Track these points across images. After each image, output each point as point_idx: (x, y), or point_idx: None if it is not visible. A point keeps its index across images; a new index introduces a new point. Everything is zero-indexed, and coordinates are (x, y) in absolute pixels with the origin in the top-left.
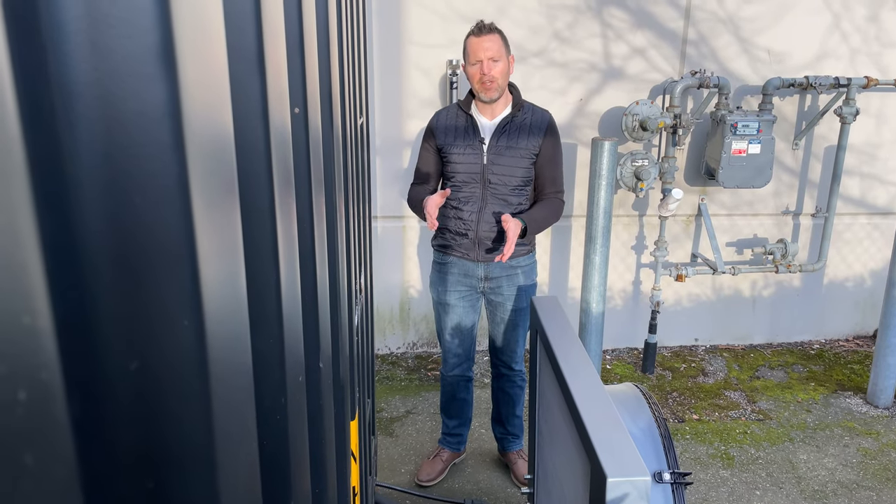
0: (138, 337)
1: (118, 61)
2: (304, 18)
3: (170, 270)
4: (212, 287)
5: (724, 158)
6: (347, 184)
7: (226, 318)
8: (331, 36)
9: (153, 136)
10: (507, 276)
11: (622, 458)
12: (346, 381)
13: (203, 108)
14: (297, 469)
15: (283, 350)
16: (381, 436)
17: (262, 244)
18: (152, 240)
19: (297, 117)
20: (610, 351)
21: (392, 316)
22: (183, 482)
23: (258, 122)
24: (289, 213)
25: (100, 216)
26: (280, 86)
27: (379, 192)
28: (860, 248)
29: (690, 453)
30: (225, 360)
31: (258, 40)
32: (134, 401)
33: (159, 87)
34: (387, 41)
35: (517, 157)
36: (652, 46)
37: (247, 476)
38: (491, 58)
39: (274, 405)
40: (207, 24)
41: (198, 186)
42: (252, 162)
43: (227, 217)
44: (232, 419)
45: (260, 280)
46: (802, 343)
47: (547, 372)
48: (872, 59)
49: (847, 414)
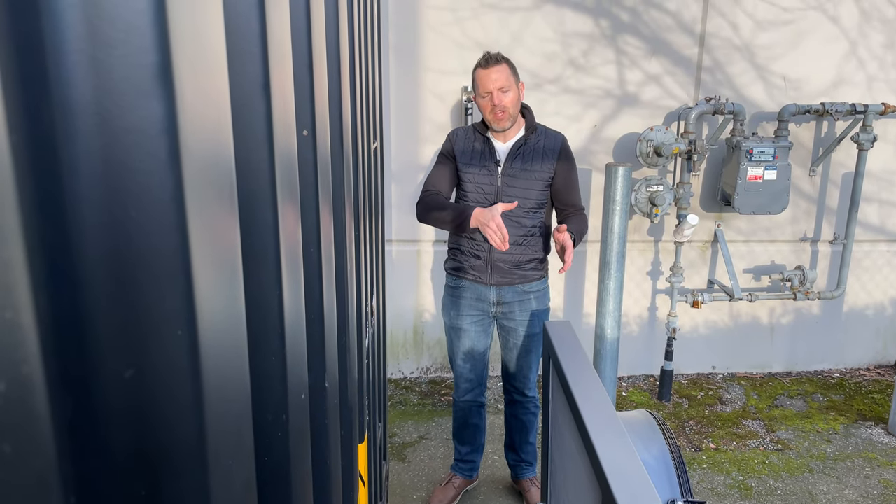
0: (132, 344)
1: (116, 80)
2: (313, 42)
3: (164, 282)
4: (207, 299)
5: (739, 184)
6: (359, 206)
7: (222, 332)
8: (342, 59)
9: (149, 151)
10: (520, 302)
11: (634, 487)
12: (354, 402)
13: (201, 127)
14: (300, 488)
15: (285, 368)
16: (393, 461)
17: (263, 261)
18: (146, 252)
19: (306, 139)
20: (626, 378)
21: (406, 340)
22: (176, 489)
23: (262, 142)
24: (293, 232)
25: (96, 228)
26: (286, 108)
27: (394, 217)
28: (880, 275)
29: (707, 483)
30: (220, 373)
31: (263, 63)
32: (126, 405)
33: (156, 104)
34: (403, 67)
35: (531, 179)
36: (667, 73)
37: (243, 490)
38: (500, 88)
39: (275, 421)
40: (207, 47)
41: (194, 202)
42: (254, 180)
43: (224, 233)
44: (227, 431)
45: (260, 296)
46: (822, 372)
47: (559, 397)
48: (890, 86)
49: (868, 444)
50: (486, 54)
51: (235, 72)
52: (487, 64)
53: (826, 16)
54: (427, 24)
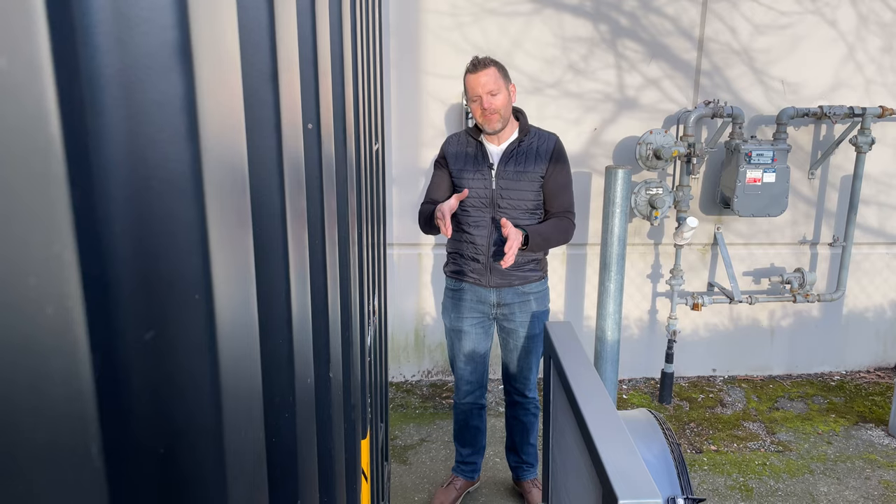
0: (153, 308)
1: (140, 55)
2: (317, 38)
3: (182, 250)
4: (222, 270)
5: (738, 187)
6: (361, 204)
7: (235, 305)
8: (345, 57)
9: (170, 124)
10: (520, 303)
11: (633, 481)
12: (357, 397)
13: (217, 106)
14: (306, 472)
15: (292, 351)
16: (394, 463)
17: (272, 248)
18: (166, 222)
19: (311, 133)
20: (627, 381)
21: (407, 343)
22: (192, 451)
23: (271, 131)
24: (300, 217)
25: (120, 197)
26: (293, 100)
27: (395, 221)
28: (879, 278)
29: (708, 485)
30: (233, 345)
31: (272, 54)
32: (146, 367)
33: (176, 79)
34: (403, 72)
35: (526, 180)
36: (666, 77)
37: (254, 464)
38: (489, 92)
39: (283, 402)
40: (222, 31)
41: (211, 177)
42: (263, 167)
43: (236, 208)
44: (239, 400)
45: (269, 283)
46: (822, 374)
47: (560, 396)
48: (888, 89)
49: (868, 446)
50: (475, 59)
51: (246, 61)
52: (475, 68)
53: (824, 20)
54: (427, 28)
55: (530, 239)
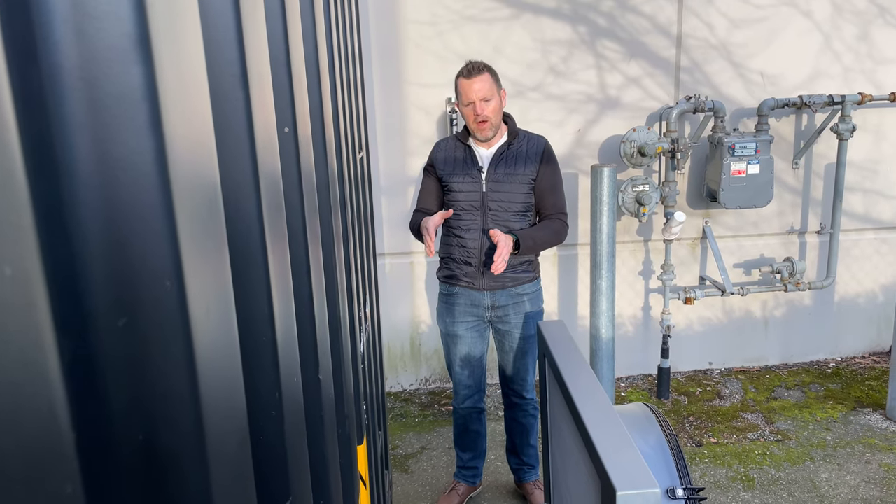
0: (124, 295)
1: (100, 48)
2: (289, 40)
3: (150, 238)
4: (192, 258)
5: (724, 180)
6: (346, 211)
7: (209, 295)
8: (320, 61)
9: (131, 116)
10: (514, 304)
11: (631, 472)
12: (350, 402)
13: (180, 98)
14: (297, 472)
15: (276, 348)
16: (396, 472)
17: (247, 242)
18: (133, 212)
19: (288, 136)
20: (624, 378)
21: (403, 353)
22: (172, 435)
23: (242, 130)
24: (277, 209)
25: (87, 185)
26: (265, 101)
27: (385, 230)
28: (869, 263)
29: (710, 476)
30: (208, 333)
31: (240, 53)
32: (120, 353)
33: (136, 70)
34: (387, 82)
35: (516, 183)
36: (647, 75)
37: (237, 446)
38: (482, 98)
39: (268, 399)
40: (182, 27)
41: (176, 167)
42: (236, 162)
43: (206, 204)
44: (217, 387)
45: (248, 277)
46: (818, 362)
47: (556, 394)
48: (866, 76)
49: (867, 430)
50: (469, 63)
51: (212, 59)
52: (470, 74)
53: (798, 11)
54: (409, 38)
55: (521, 243)
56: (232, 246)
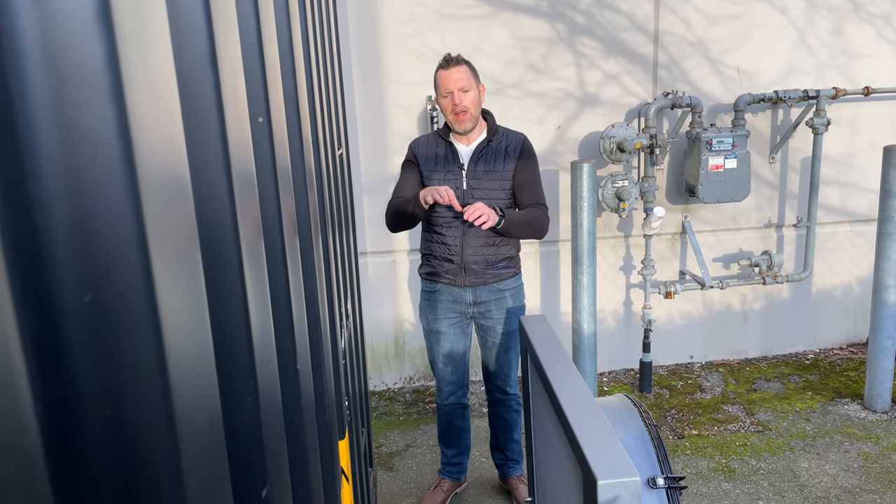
0: (89, 270)
1: (59, 18)
2: (262, 26)
3: (113, 210)
4: (158, 231)
5: (702, 175)
6: (325, 207)
7: (177, 271)
8: (295, 51)
9: (93, 87)
10: (496, 300)
11: (611, 461)
12: (331, 396)
13: (143, 68)
14: (274, 461)
15: (250, 336)
16: (381, 471)
17: (216, 222)
18: (95, 185)
19: (261, 126)
20: (607, 373)
21: (387, 351)
22: (139, 408)
23: (212, 114)
24: (249, 188)
25: (49, 158)
26: (237, 88)
27: (367, 229)
28: (845, 256)
29: (692, 468)
30: (176, 310)
31: (209, 37)
32: (86, 330)
33: (97, 41)
34: (367, 81)
35: (496, 179)
36: (625, 72)
37: (207, 423)
38: (461, 88)
39: (244, 385)
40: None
41: (141, 137)
42: (206, 143)
43: (173, 168)
44: (186, 364)
45: (218, 255)
46: (797, 354)
47: (539, 388)
48: (840, 71)
49: (846, 420)
50: (447, 56)
51: (179, 41)
52: (448, 65)
53: (773, 7)
54: (388, 36)
55: (506, 217)
56: (200, 219)
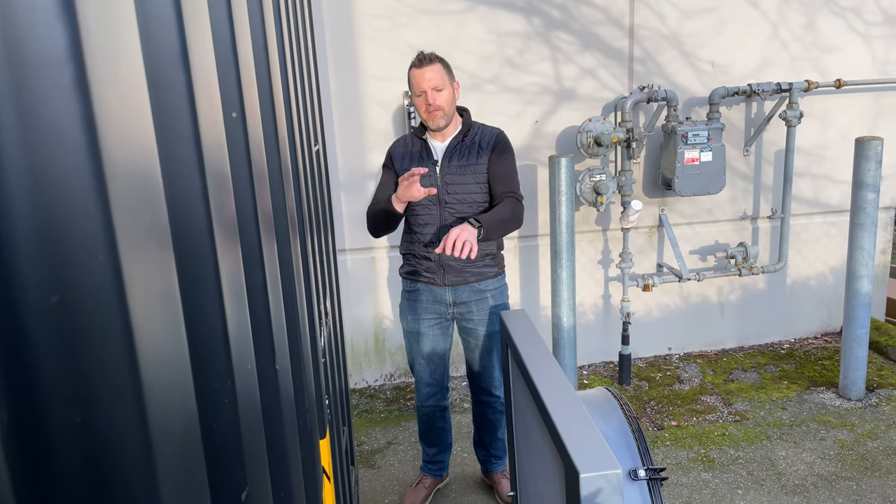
0: (54, 270)
1: (20, 6)
2: (234, 21)
3: (80, 207)
4: (126, 228)
5: (678, 168)
6: (302, 205)
7: (151, 271)
8: (269, 45)
9: (56, 77)
10: (477, 301)
11: (593, 455)
12: (311, 394)
13: (109, 58)
14: (254, 464)
15: (227, 336)
16: (362, 468)
17: (189, 217)
18: (59, 179)
19: (235, 122)
20: (586, 366)
21: (367, 349)
22: (110, 414)
23: (184, 111)
24: (223, 181)
25: (10, 152)
26: (209, 83)
27: (346, 226)
28: (819, 246)
29: (671, 459)
30: (150, 313)
31: (180, 32)
32: (54, 331)
33: (60, 30)
34: (343, 77)
35: (470, 174)
36: (601, 66)
37: (183, 430)
38: (434, 87)
39: (220, 388)
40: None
41: (107, 128)
42: (178, 136)
43: (141, 167)
44: (159, 365)
45: (192, 255)
46: (773, 344)
47: (519, 382)
48: (812, 64)
49: (821, 408)
50: (420, 54)
51: (148, 33)
52: (421, 63)
53: (746, 1)
54: (363, 32)
55: (484, 225)
56: (173, 216)
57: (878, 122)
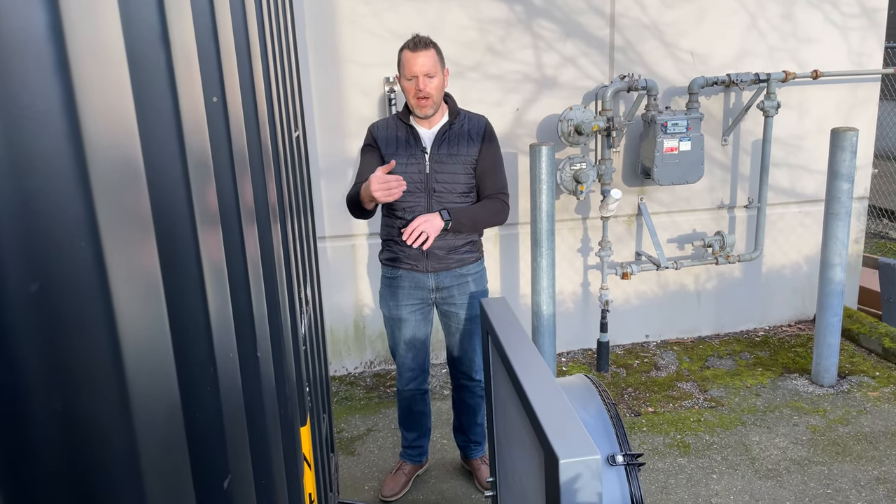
0: (34, 258)
1: None
2: (215, 4)
3: (63, 193)
4: (108, 213)
5: (657, 157)
6: (283, 190)
7: (133, 258)
8: (250, 30)
9: (36, 57)
10: (458, 285)
11: (573, 441)
12: (292, 382)
13: (90, 36)
14: (235, 451)
15: (209, 325)
16: (342, 455)
17: (171, 204)
18: (41, 164)
19: (216, 106)
20: (565, 353)
21: (347, 336)
22: (94, 402)
23: (164, 94)
24: (203, 165)
25: None
26: (190, 66)
27: (326, 213)
28: (794, 235)
29: (648, 444)
30: (131, 300)
31: (160, 11)
32: (34, 320)
33: (39, 8)
34: (323, 62)
35: (459, 163)
36: (582, 54)
37: (166, 417)
38: (426, 74)
39: (203, 375)
40: None
41: (88, 114)
42: (159, 121)
43: (122, 151)
44: (141, 352)
45: (173, 239)
46: (748, 331)
47: (500, 369)
48: (790, 55)
49: (794, 395)
50: (416, 37)
51: (129, 14)
52: (416, 47)
53: None
54: (344, 17)
55: (455, 218)
56: (154, 202)
57: (853, 113)
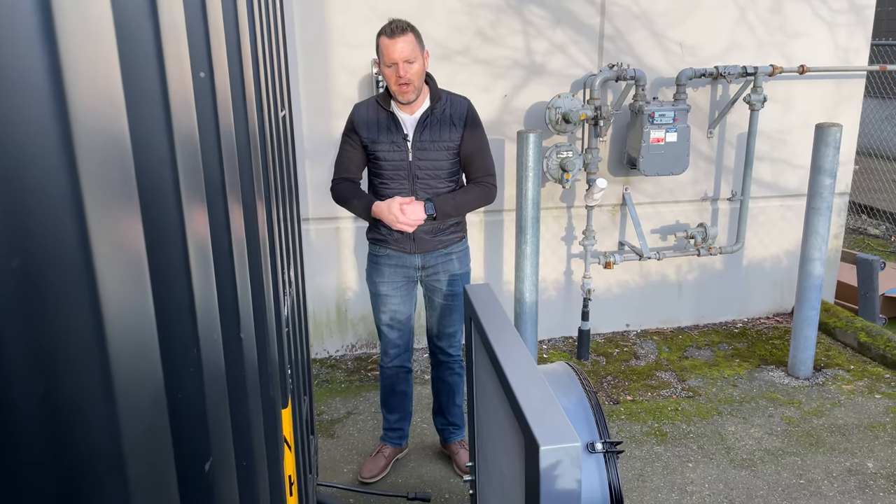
0: (16, 233)
1: None
2: None
3: (48, 167)
4: (94, 192)
5: (643, 147)
6: (268, 171)
7: (118, 234)
8: (238, 6)
9: (21, 25)
10: (444, 262)
11: (554, 428)
12: (274, 364)
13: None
14: (218, 433)
15: (193, 304)
16: (322, 438)
17: (156, 180)
18: (24, 137)
19: (203, 82)
20: (546, 341)
21: (329, 319)
22: (76, 386)
23: (152, 71)
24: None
25: None
26: (178, 41)
27: (310, 195)
28: (775, 229)
29: (626, 432)
30: (115, 277)
31: None
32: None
33: None
34: (310, 43)
35: (441, 149)
36: (572, 42)
37: (150, 403)
38: (406, 59)
39: (186, 355)
40: None
41: (74, 90)
42: (146, 95)
43: (108, 125)
44: (125, 333)
45: (159, 225)
46: (726, 323)
47: (482, 355)
48: (778, 49)
49: (770, 386)
50: (392, 21)
51: None
52: (393, 33)
53: None
54: None
55: (440, 210)
56: (140, 178)
57: (838, 109)
